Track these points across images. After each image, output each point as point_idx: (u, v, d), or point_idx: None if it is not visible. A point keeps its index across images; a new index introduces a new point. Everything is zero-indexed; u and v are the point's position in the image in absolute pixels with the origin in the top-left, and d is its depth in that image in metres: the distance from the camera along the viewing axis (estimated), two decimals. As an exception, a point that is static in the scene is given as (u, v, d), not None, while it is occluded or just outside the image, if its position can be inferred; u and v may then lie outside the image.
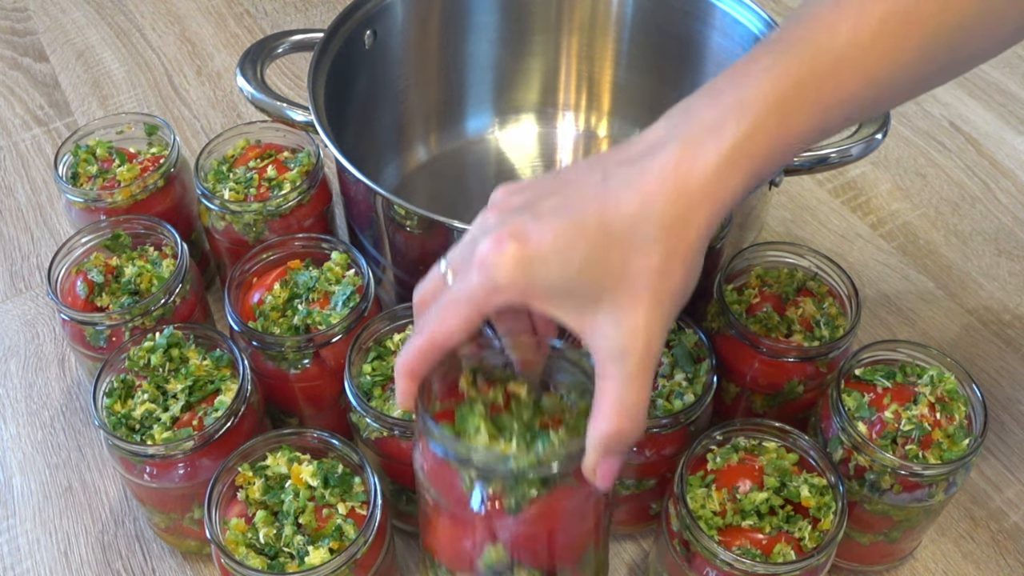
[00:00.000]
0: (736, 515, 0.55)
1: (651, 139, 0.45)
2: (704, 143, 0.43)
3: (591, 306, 0.43)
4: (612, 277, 0.43)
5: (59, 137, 0.99)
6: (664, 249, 0.43)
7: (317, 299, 0.66)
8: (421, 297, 0.48)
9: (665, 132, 0.45)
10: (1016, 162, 0.95)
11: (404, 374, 0.47)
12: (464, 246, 0.46)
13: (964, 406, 0.60)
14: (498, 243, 0.43)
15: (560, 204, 0.44)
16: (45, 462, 0.73)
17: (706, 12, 0.79)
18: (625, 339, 0.43)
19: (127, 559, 0.68)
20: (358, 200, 0.70)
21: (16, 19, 1.14)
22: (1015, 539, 0.68)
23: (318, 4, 1.15)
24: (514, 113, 0.93)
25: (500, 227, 0.44)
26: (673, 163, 0.43)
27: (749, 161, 0.43)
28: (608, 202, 0.43)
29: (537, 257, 0.43)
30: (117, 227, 0.71)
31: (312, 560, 0.53)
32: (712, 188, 0.43)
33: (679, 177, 0.43)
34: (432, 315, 0.46)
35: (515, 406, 0.50)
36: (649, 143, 0.44)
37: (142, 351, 0.63)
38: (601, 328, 0.44)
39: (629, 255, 0.43)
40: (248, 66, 0.74)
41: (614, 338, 0.43)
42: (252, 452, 0.58)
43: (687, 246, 0.43)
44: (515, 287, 0.43)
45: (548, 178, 0.47)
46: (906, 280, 0.85)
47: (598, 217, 0.43)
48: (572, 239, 0.43)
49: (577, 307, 0.44)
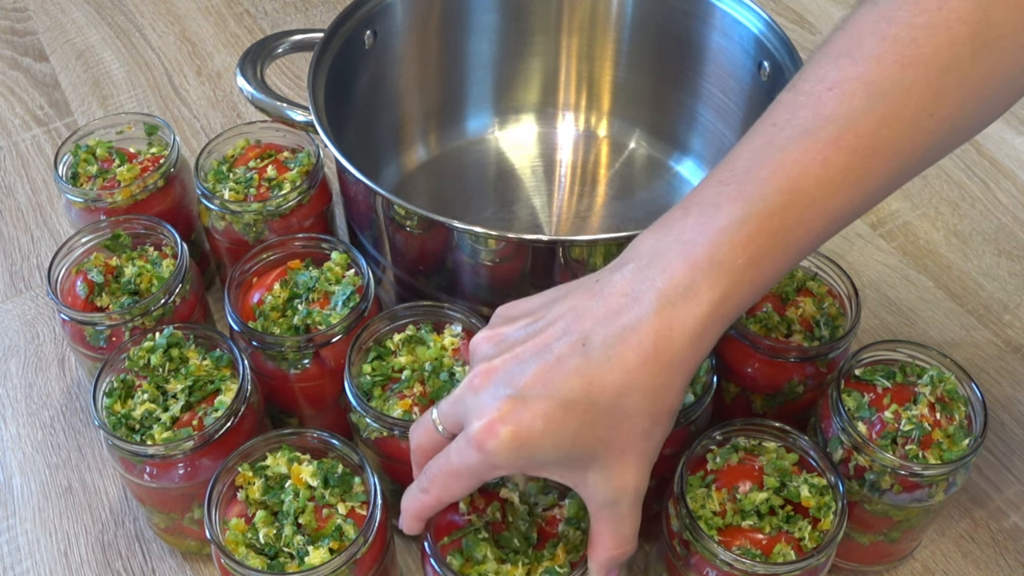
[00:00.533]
0: (736, 515, 0.55)
1: (623, 291, 0.46)
2: (680, 310, 0.44)
3: (581, 469, 0.47)
4: (601, 444, 0.46)
5: (59, 137, 0.99)
6: (647, 416, 0.46)
7: (317, 299, 0.66)
8: (417, 444, 0.52)
9: (635, 285, 0.46)
10: (1016, 162, 0.95)
11: (415, 518, 0.52)
12: (455, 405, 0.49)
13: (964, 406, 0.60)
14: (491, 428, 0.45)
15: (545, 381, 0.45)
16: (45, 462, 0.73)
17: (706, 12, 0.79)
18: (617, 492, 0.48)
19: (127, 559, 0.68)
20: (358, 200, 0.70)
21: (16, 19, 1.14)
22: (1015, 539, 0.68)
23: (318, 4, 1.15)
24: (514, 113, 0.93)
25: (491, 409, 0.46)
26: (652, 336, 0.44)
27: (723, 321, 0.46)
28: (593, 379, 0.45)
29: (530, 440, 0.45)
30: (117, 227, 0.71)
31: (312, 560, 0.53)
32: (689, 354, 0.45)
33: (659, 350, 0.45)
34: (439, 481, 0.49)
35: (511, 516, 0.55)
36: (621, 297, 0.46)
37: (142, 351, 0.63)
38: (593, 484, 0.48)
39: (615, 425, 0.46)
40: (248, 66, 0.74)
41: (605, 492, 0.48)
42: (252, 452, 0.58)
43: (668, 408, 0.47)
44: (512, 465, 0.46)
45: (528, 331, 0.48)
46: (906, 280, 0.85)
47: (584, 394, 0.45)
48: (562, 419, 0.45)
49: (569, 470, 0.47)
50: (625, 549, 0.50)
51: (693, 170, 0.88)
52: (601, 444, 0.46)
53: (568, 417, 0.45)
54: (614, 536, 0.49)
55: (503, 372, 0.47)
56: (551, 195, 0.88)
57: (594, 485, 0.48)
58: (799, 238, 0.45)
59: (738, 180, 0.45)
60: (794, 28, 1.10)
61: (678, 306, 0.44)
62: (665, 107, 0.88)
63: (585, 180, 0.91)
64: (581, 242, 0.63)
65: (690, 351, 0.45)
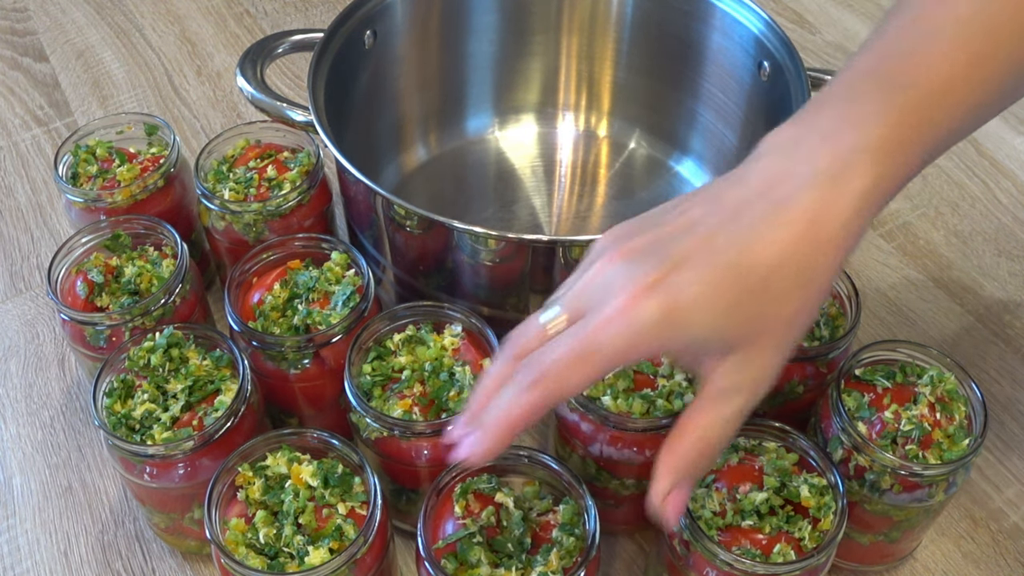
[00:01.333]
0: (736, 515, 0.55)
1: (768, 174, 0.43)
2: (835, 193, 0.42)
3: (718, 354, 0.43)
4: (748, 325, 0.42)
5: (59, 137, 0.99)
6: (797, 301, 0.43)
7: (317, 299, 0.66)
8: (521, 349, 0.44)
9: (783, 169, 0.43)
10: (1016, 162, 0.95)
11: (508, 428, 0.42)
12: (583, 291, 0.43)
13: (964, 406, 0.60)
14: (642, 295, 0.40)
15: (698, 248, 0.42)
16: (45, 462, 0.73)
17: (706, 12, 0.79)
18: (742, 383, 0.44)
19: (127, 559, 0.68)
20: (358, 200, 0.70)
21: (16, 19, 1.14)
22: (1015, 539, 0.68)
23: (318, 4, 1.15)
24: (514, 113, 0.93)
25: (639, 276, 0.41)
26: (809, 214, 0.42)
27: (871, 211, 0.43)
28: (745, 249, 0.41)
29: (683, 310, 0.41)
30: (117, 227, 0.71)
31: (312, 560, 0.53)
32: (842, 239, 0.42)
33: (814, 229, 0.42)
34: (550, 370, 0.41)
35: (506, 521, 0.55)
36: (767, 180, 0.43)
37: (142, 351, 0.63)
38: (723, 371, 0.43)
39: (764, 305, 0.42)
40: (248, 66, 0.74)
41: (731, 382, 0.43)
42: (252, 452, 0.58)
43: (816, 296, 0.43)
44: (656, 339, 0.41)
45: (666, 217, 0.44)
46: (906, 280, 0.85)
47: (739, 265, 0.41)
48: (717, 289, 0.41)
49: (705, 354, 0.43)
50: (705, 455, 0.44)
51: (693, 170, 0.88)
52: (748, 325, 0.42)
53: (722, 288, 0.41)
54: (702, 434, 0.43)
55: (648, 246, 0.42)
56: (551, 195, 0.88)
57: (724, 370, 0.43)
58: (935, 134, 0.44)
59: (869, 76, 0.45)
60: (794, 28, 1.10)
61: (837, 183, 0.42)
62: (665, 107, 0.88)
63: (585, 180, 0.91)
64: (581, 242, 0.63)
65: (843, 235, 0.42)
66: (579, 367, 0.41)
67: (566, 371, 0.41)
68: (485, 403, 0.44)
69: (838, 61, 1.06)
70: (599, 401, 0.59)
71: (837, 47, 1.07)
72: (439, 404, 0.60)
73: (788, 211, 0.42)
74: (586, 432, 0.60)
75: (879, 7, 1.13)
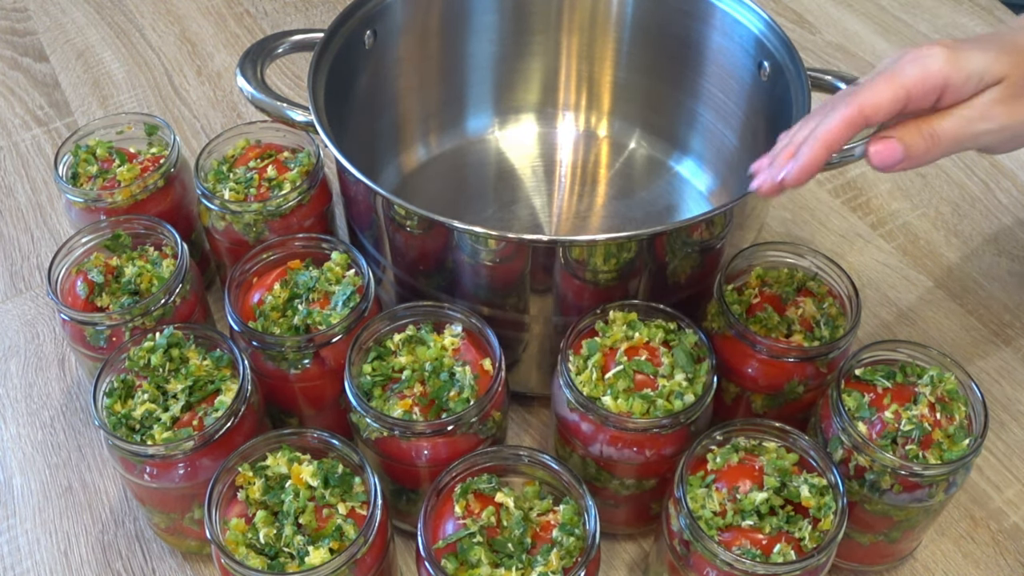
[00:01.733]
0: (736, 515, 0.55)
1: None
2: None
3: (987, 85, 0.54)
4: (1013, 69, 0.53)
5: (59, 137, 0.99)
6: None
7: (317, 299, 0.66)
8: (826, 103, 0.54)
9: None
10: (1016, 162, 0.95)
11: (825, 143, 0.52)
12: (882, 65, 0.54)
13: (964, 406, 0.60)
14: (929, 46, 0.53)
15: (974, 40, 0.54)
16: (45, 462, 0.73)
17: (706, 12, 0.79)
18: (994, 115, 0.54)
19: (127, 559, 0.68)
20: (358, 200, 0.70)
21: (16, 19, 1.14)
22: (1015, 539, 0.68)
23: (318, 4, 1.15)
24: (514, 113, 0.93)
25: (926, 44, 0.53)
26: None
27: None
28: (1014, 36, 0.55)
29: (962, 53, 0.53)
30: (117, 227, 0.71)
31: (312, 560, 0.53)
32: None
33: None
34: (862, 90, 0.52)
35: (506, 521, 0.55)
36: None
37: (142, 351, 0.63)
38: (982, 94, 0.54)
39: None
40: (248, 66, 0.74)
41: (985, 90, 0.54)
42: (252, 452, 0.58)
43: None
44: (941, 73, 0.52)
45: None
46: (906, 280, 0.85)
47: (1007, 39, 0.54)
48: (987, 45, 0.53)
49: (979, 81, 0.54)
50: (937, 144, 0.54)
51: (693, 170, 0.88)
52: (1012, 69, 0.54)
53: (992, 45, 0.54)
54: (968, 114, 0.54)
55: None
56: (551, 195, 0.88)
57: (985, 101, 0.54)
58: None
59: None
60: (794, 28, 1.10)
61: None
62: (665, 107, 0.88)
63: (585, 180, 0.91)
64: (581, 242, 0.63)
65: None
66: (884, 85, 0.52)
67: (873, 89, 0.52)
68: (787, 142, 0.55)
69: (838, 61, 1.06)
70: (599, 401, 0.59)
71: (837, 47, 1.07)
72: (439, 404, 0.60)
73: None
74: (586, 432, 0.60)
75: (879, 7, 1.13)
